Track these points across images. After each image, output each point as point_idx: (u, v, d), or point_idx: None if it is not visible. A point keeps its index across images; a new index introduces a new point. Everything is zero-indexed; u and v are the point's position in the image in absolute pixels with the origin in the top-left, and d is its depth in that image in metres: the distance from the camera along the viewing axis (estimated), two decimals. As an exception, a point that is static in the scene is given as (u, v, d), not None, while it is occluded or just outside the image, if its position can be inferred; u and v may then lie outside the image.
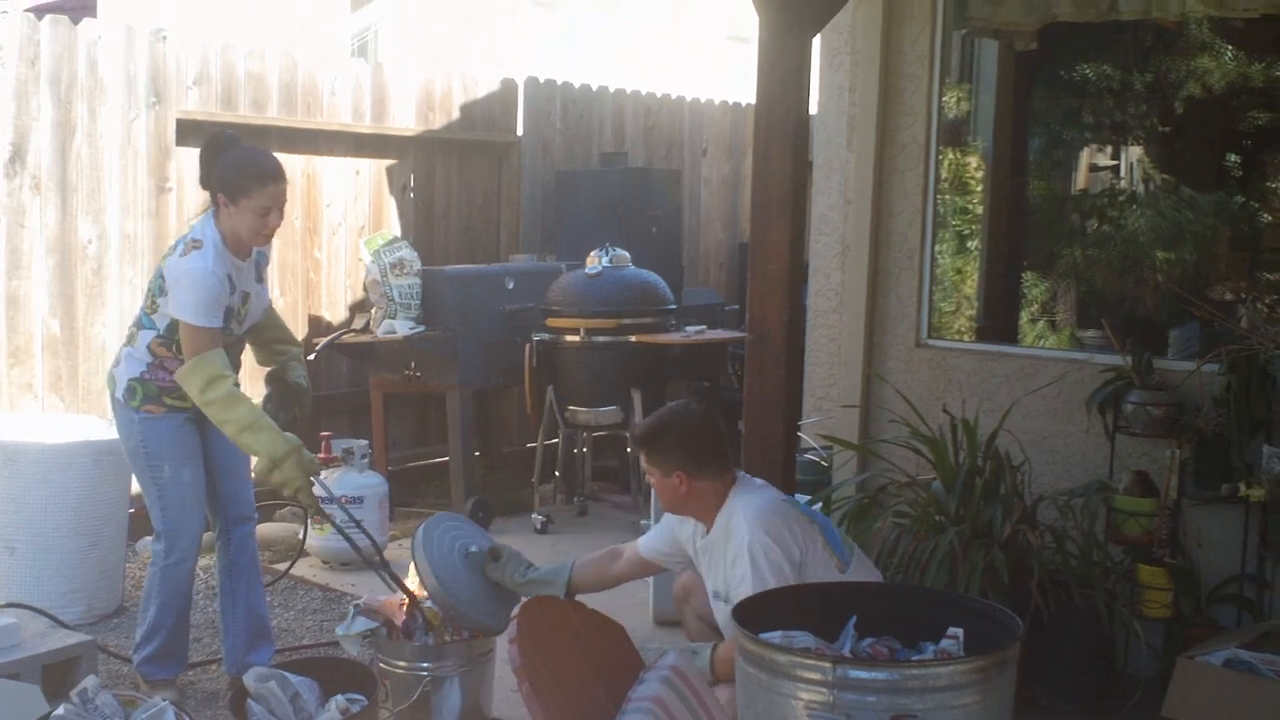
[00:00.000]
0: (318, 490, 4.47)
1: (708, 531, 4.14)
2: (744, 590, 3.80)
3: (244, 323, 4.63)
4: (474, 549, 4.38)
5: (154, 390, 4.53)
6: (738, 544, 3.93)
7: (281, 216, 4.54)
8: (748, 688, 3.20)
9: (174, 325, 4.45)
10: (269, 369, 4.91)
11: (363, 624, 4.19)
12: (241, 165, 4.47)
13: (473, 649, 4.20)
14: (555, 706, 3.53)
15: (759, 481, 4.24)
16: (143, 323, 4.56)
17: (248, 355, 4.90)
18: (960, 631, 3.26)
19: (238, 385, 4.39)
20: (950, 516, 4.82)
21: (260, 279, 4.71)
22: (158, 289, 4.49)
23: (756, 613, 3.35)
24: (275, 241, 7.16)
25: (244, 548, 4.83)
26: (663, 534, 4.38)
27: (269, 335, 4.89)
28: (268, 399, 4.88)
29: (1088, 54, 7.34)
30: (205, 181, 4.57)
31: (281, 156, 7.17)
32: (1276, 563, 4.78)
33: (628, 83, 9.64)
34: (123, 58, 6.67)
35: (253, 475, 4.37)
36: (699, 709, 3.58)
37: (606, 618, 4.22)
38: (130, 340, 4.62)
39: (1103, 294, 7.52)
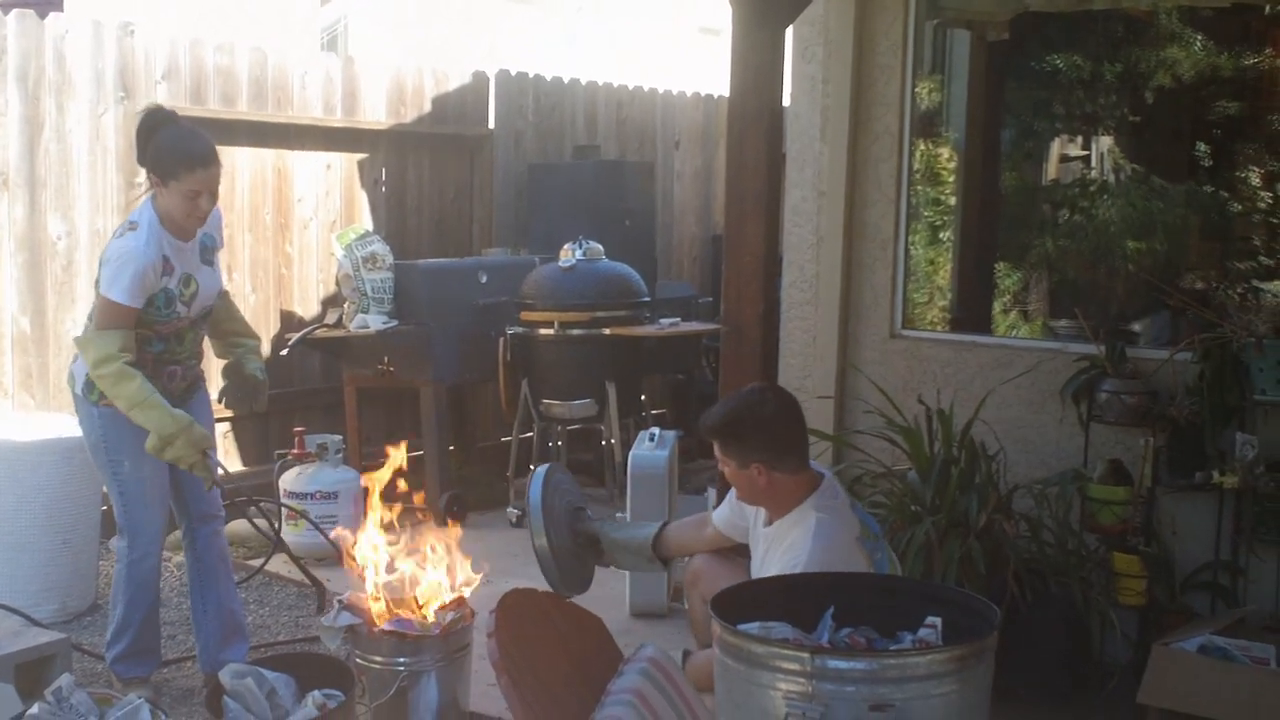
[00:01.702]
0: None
1: (769, 522, 4.01)
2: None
3: (192, 305, 4.53)
4: (577, 504, 4.52)
5: None
6: (790, 560, 3.78)
7: (214, 200, 4.46)
8: (726, 679, 3.20)
9: None
10: (226, 361, 4.89)
11: (347, 618, 4.17)
12: (172, 148, 4.38)
13: (450, 644, 4.18)
14: (534, 700, 3.52)
15: (843, 495, 4.08)
16: (94, 315, 4.51)
17: (207, 348, 4.88)
18: (938, 620, 3.26)
19: (131, 364, 4.32)
20: (926, 506, 4.83)
21: (207, 261, 4.61)
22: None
23: (734, 604, 3.35)
24: (246, 235, 7.24)
25: (210, 546, 4.79)
26: (732, 504, 4.24)
27: (226, 328, 4.86)
28: (224, 391, 4.87)
29: (1059, 45, 7.36)
30: (140, 160, 4.51)
31: (252, 151, 7.30)
32: (1250, 550, 4.81)
33: (622, 75, 9.63)
34: (90, 52, 6.62)
35: (147, 448, 4.36)
36: (678, 700, 3.58)
37: (585, 610, 4.22)
38: None
39: (1075, 283, 7.55)
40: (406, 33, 13.88)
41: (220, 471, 4.61)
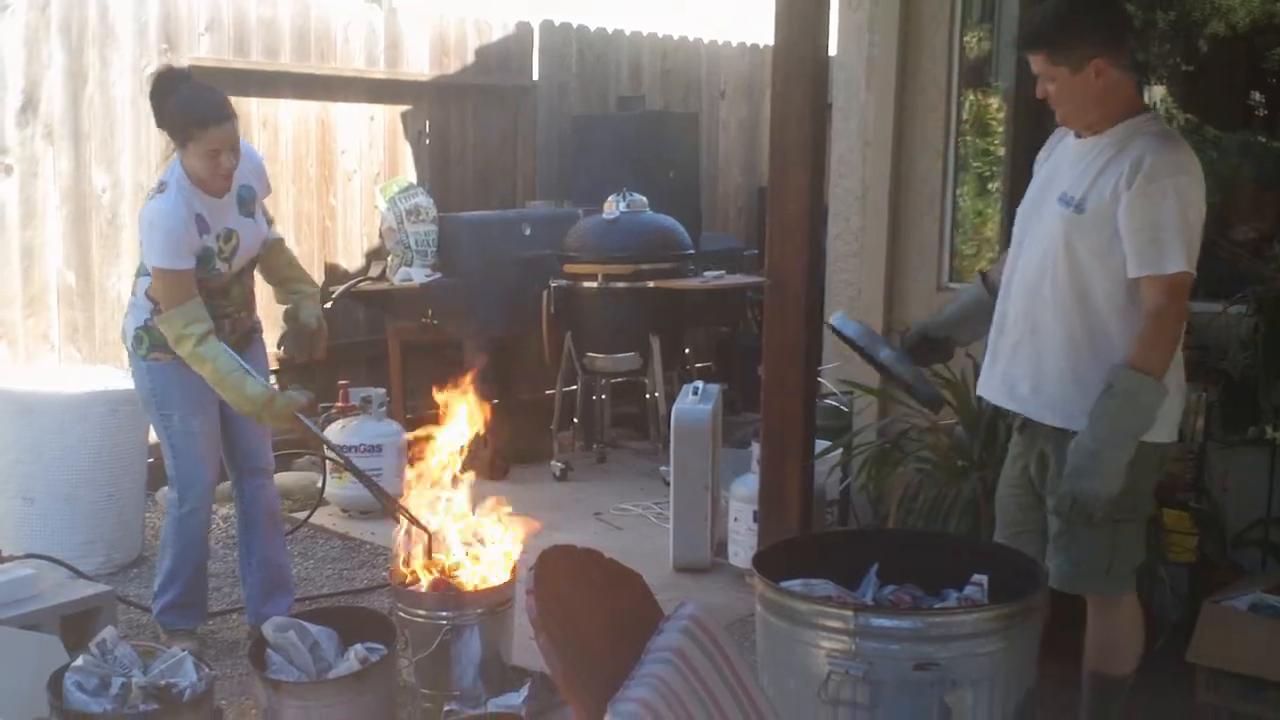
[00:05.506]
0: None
1: (1084, 136, 3.44)
2: (1149, 218, 3.31)
3: (233, 260, 4.53)
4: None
5: (159, 337, 4.47)
6: (1155, 173, 3.29)
7: (236, 157, 4.39)
8: (769, 637, 3.18)
9: None
10: (285, 307, 4.89)
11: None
12: (183, 109, 4.33)
13: (492, 597, 4.18)
14: (573, 657, 3.50)
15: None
16: (140, 270, 4.54)
17: (266, 294, 4.88)
18: (984, 578, 3.22)
19: (203, 338, 4.33)
20: (973, 461, 4.77)
21: (248, 213, 4.58)
22: None
23: (776, 561, 3.32)
24: (290, 188, 7.23)
25: (258, 499, 4.81)
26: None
27: (284, 274, 4.86)
28: (284, 337, 4.86)
29: (1111, -9, 7.22)
30: (159, 123, 4.49)
31: (296, 103, 7.28)
32: (1303, 506, 4.74)
33: (657, 23, 9.54)
34: (133, 4, 6.60)
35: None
36: (719, 659, 3.55)
37: (624, 567, 4.17)
38: (134, 289, 4.61)
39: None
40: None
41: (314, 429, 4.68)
